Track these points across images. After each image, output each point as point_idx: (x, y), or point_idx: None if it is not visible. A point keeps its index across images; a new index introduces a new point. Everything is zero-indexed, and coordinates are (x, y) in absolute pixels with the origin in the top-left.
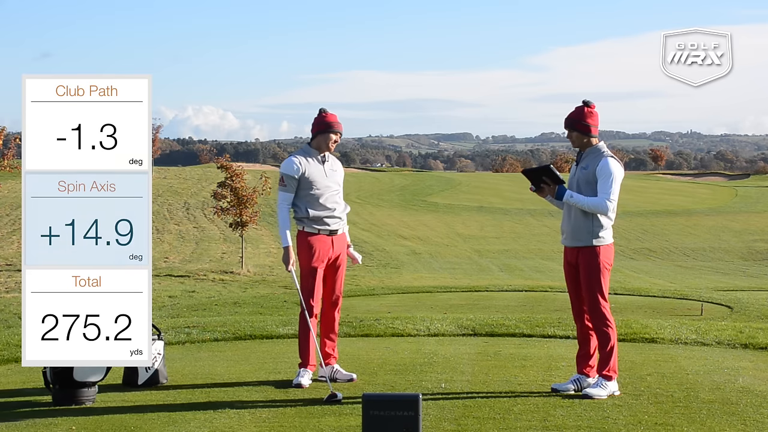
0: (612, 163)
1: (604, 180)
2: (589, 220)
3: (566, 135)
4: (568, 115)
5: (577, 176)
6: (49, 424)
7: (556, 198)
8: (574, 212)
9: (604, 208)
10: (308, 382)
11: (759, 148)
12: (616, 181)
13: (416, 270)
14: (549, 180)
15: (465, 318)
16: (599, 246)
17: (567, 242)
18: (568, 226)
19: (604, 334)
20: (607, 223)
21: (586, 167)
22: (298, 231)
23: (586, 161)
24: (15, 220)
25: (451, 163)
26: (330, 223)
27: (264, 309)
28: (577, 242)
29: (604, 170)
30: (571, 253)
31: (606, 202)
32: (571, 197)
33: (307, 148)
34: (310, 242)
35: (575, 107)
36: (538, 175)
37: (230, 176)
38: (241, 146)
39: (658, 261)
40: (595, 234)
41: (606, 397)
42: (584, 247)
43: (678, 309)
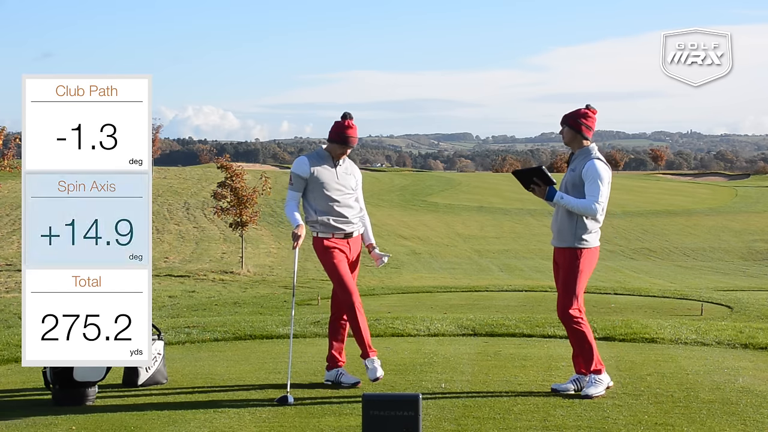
0: (598, 165)
1: (590, 182)
2: (573, 222)
3: (559, 131)
4: (567, 113)
5: (565, 178)
6: (49, 424)
7: (546, 199)
8: (561, 213)
9: (592, 210)
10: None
11: (759, 148)
12: (603, 183)
13: (416, 270)
14: (540, 181)
15: (465, 318)
16: (581, 249)
17: (553, 242)
18: (555, 227)
19: (577, 332)
20: (592, 226)
21: (574, 169)
22: (314, 237)
23: (575, 163)
24: (15, 220)
25: (451, 163)
26: (344, 227)
27: (264, 309)
28: (561, 242)
29: (590, 172)
30: (556, 252)
31: (594, 205)
32: (561, 199)
33: (321, 152)
34: (326, 246)
35: (576, 108)
36: (529, 176)
37: (230, 176)
38: (241, 146)
39: (658, 261)
40: (577, 237)
41: (604, 392)
42: (567, 248)
43: (678, 309)
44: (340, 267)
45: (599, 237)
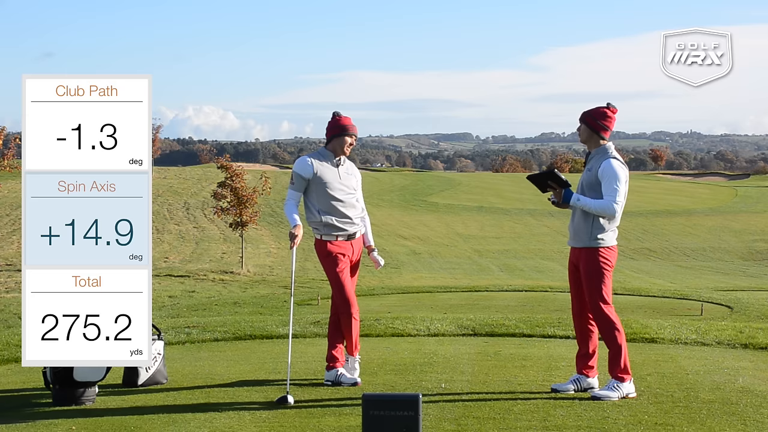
0: (614, 164)
1: (607, 182)
2: (588, 221)
3: (577, 128)
4: (586, 110)
5: (582, 178)
6: (49, 424)
7: (563, 202)
8: (577, 213)
9: (611, 210)
10: (357, 377)
11: (759, 148)
12: (620, 183)
13: (416, 270)
14: (554, 184)
15: (465, 318)
16: (598, 247)
17: (570, 242)
18: (571, 227)
19: (611, 337)
20: (607, 225)
21: (590, 169)
22: (316, 239)
23: (591, 163)
24: (15, 220)
25: (451, 163)
26: (347, 227)
27: (264, 309)
28: (578, 243)
29: (606, 172)
30: (573, 253)
31: (613, 205)
32: (578, 201)
33: (323, 151)
34: (330, 250)
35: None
36: (543, 179)
37: (230, 176)
38: (241, 146)
39: (658, 261)
40: (593, 236)
41: (617, 399)
42: (584, 248)
43: (678, 309)
44: (341, 276)
45: (617, 236)
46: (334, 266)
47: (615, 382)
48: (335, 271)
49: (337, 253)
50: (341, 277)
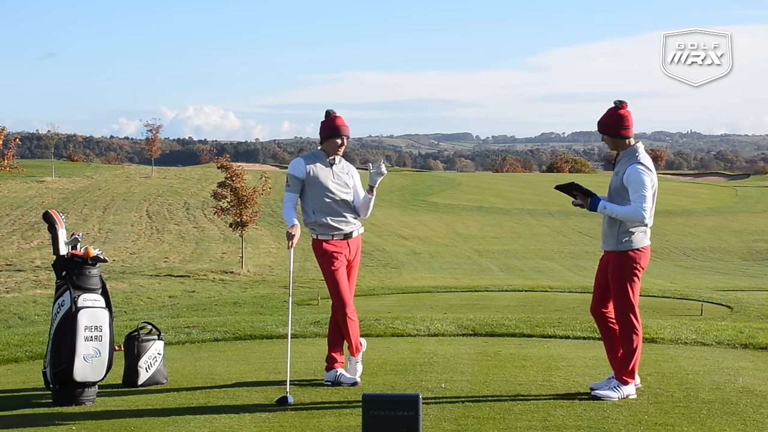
0: (640, 169)
1: (633, 189)
2: (615, 225)
3: (601, 138)
4: (599, 119)
5: (611, 182)
6: (49, 424)
7: (590, 210)
8: (605, 217)
9: (640, 216)
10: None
11: (759, 148)
12: (646, 189)
13: (416, 270)
14: (579, 194)
15: (465, 318)
16: (626, 251)
17: (602, 245)
18: (602, 230)
19: (628, 340)
20: (635, 228)
21: (617, 173)
22: (313, 240)
23: (619, 166)
24: (15, 220)
25: (451, 163)
26: (343, 227)
27: (264, 309)
28: (607, 246)
29: (631, 178)
30: (605, 255)
31: (641, 212)
32: (605, 209)
33: (317, 152)
34: (325, 249)
35: (607, 109)
36: (569, 190)
37: (230, 176)
38: (241, 146)
39: (658, 261)
40: (619, 239)
41: (617, 399)
42: (612, 252)
43: (678, 309)
44: (336, 275)
45: (648, 236)
46: (329, 265)
47: (617, 383)
48: (330, 270)
49: (333, 252)
50: (336, 275)
